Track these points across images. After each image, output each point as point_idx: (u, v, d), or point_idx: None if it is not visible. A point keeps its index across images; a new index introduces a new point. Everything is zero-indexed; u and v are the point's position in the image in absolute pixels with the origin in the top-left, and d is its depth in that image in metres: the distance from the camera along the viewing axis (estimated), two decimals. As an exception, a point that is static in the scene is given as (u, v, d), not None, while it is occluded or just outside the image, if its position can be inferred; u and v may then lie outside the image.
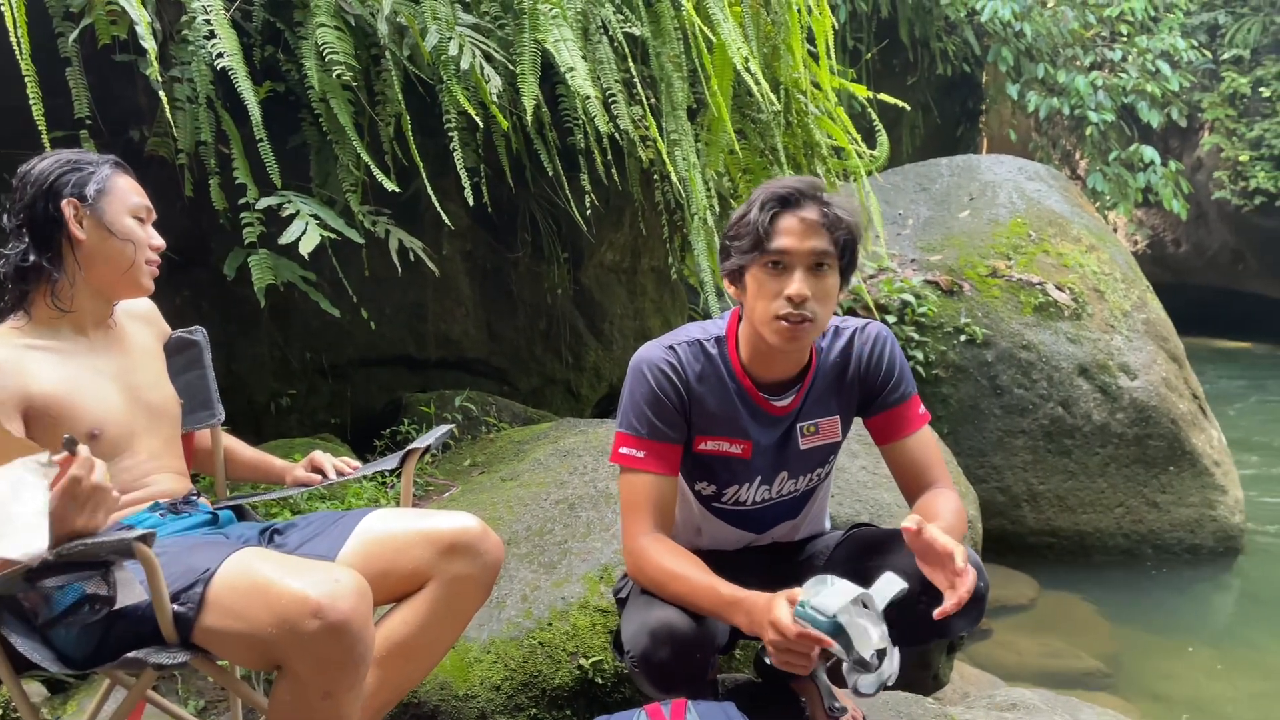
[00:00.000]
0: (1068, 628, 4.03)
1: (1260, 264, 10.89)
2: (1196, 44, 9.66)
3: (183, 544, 1.66)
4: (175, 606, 1.50)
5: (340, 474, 2.04)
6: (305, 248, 2.64)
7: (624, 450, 1.83)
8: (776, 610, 1.59)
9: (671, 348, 1.86)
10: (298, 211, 2.71)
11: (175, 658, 1.51)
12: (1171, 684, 3.72)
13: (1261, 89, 10.26)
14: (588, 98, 2.94)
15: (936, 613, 1.58)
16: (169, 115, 2.54)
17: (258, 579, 1.49)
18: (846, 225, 1.76)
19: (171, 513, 1.80)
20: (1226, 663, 3.87)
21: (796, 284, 1.73)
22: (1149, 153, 8.46)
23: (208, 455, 2.09)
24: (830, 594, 1.56)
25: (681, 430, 1.85)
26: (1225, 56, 10.48)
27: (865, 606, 1.55)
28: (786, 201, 1.76)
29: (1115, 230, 9.52)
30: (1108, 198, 8.58)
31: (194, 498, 1.87)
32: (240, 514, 1.98)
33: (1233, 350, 10.58)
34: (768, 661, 2.16)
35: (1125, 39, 8.87)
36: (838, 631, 1.53)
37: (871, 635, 1.53)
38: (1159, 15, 9.29)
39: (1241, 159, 10.26)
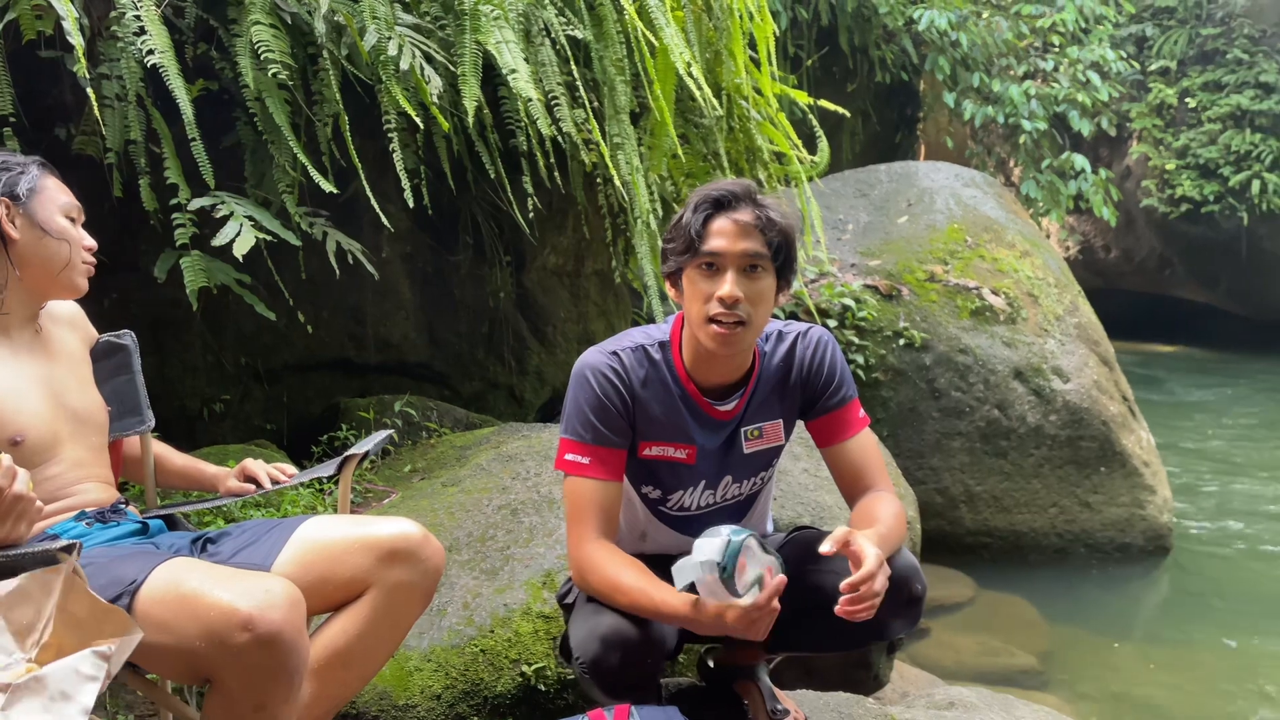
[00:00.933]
0: (1004, 626, 4.12)
1: (1186, 270, 11.24)
2: (1125, 55, 9.94)
3: (110, 554, 1.61)
4: (101, 619, 1.45)
5: (275, 481, 2.00)
6: (240, 250, 2.58)
7: (569, 457, 1.83)
8: (716, 607, 1.62)
9: (615, 353, 1.86)
10: (232, 213, 2.65)
11: (101, 672, 1.47)
12: (1103, 680, 3.81)
13: (1188, 99, 10.60)
14: (530, 100, 2.92)
15: (837, 609, 1.61)
16: (97, 113, 2.47)
17: (186, 590, 1.45)
18: (780, 227, 1.77)
19: (99, 522, 1.75)
20: (1156, 659, 3.98)
21: (728, 285, 1.74)
22: (1080, 161, 8.67)
23: (137, 463, 2.03)
24: (707, 546, 1.61)
25: (626, 435, 1.84)
26: (1153, 68, 10.81)
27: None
28: (720, 204, 1.77)
29: (1048, 236, 9.74)
30: (1041, 204, 8.77)
31: (122, 506, 1.81)
32: (171, 523, 1.93)
33: (1161, 354, 10.90)
34: (711, 664, 2.18)
35: (1057, 50, 9.09)
36: (740, 550, 1.59)
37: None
38: (1089, 27, 9.53)
39: (1168, 168, 10.58)
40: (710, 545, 1.59)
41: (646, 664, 1.74)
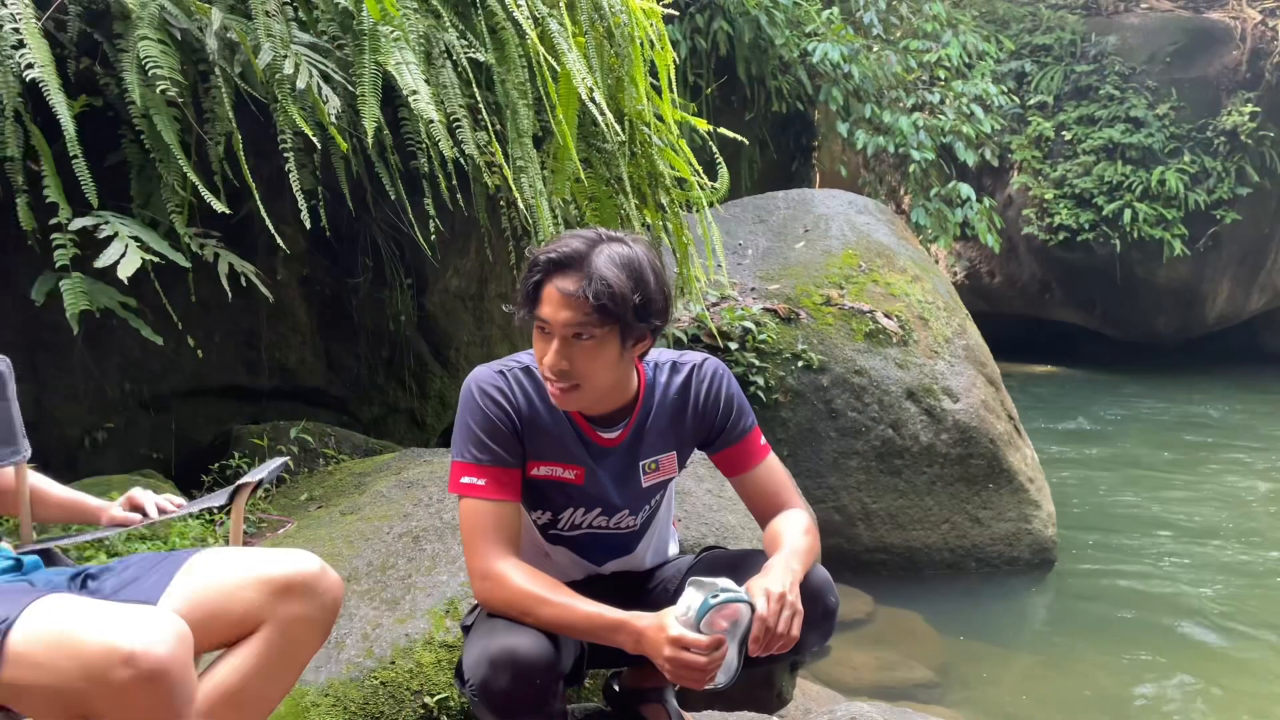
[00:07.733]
0: (901, 641, 4.22)
1: (1064, 294, 11.80)
2: (1006, 90, 10.43)
3: (-20, 594, 1.52)
4: (-29, 663, 1.37)
5: (163, 512, 1.91)
6: (124, 272, 2.48)
7: (465, 480, 1.79)
8: (671, 629, 1.63)
9: (501, 372, 1.84)
10: (116, 233, 2.55)
11: (-29, 720, 1.38)
12: (994, 690, 3.94)
13: (1064, 132, 11.18)
14: (431, 121, 2.89)
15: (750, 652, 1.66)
16: (-31, 128, 2.35)
17: (63, 627, 1.38)
18: (612, 293, 1.68)
19: (-33, 560, 1.65)
20: (1042, 668, 4.14)
21: (551, 355, 1.73)
22: (965, 190, 9.02)
23: (11, 495, 1.92)
24: (717, 581, 1.66)
25: (518, 454, 1.82)
26: (1031, 102, 11.37)
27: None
28: (550, 268, 1.72)
29: (937, 261, 10.11)
30: (929, 231, 9.09)
31: (-6, 543, 1.72)
32: (49, 559, 1.83)
33: (1042, 374, 11.39)
34: (617, 689, 2.17)
35: (943, 83, 9.46)
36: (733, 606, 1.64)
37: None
38: (972, 62, 9.97)
39: (1047, 197, 11.12)
40: (720, 584, 1.65)
41: (536, 685, 1.70)
